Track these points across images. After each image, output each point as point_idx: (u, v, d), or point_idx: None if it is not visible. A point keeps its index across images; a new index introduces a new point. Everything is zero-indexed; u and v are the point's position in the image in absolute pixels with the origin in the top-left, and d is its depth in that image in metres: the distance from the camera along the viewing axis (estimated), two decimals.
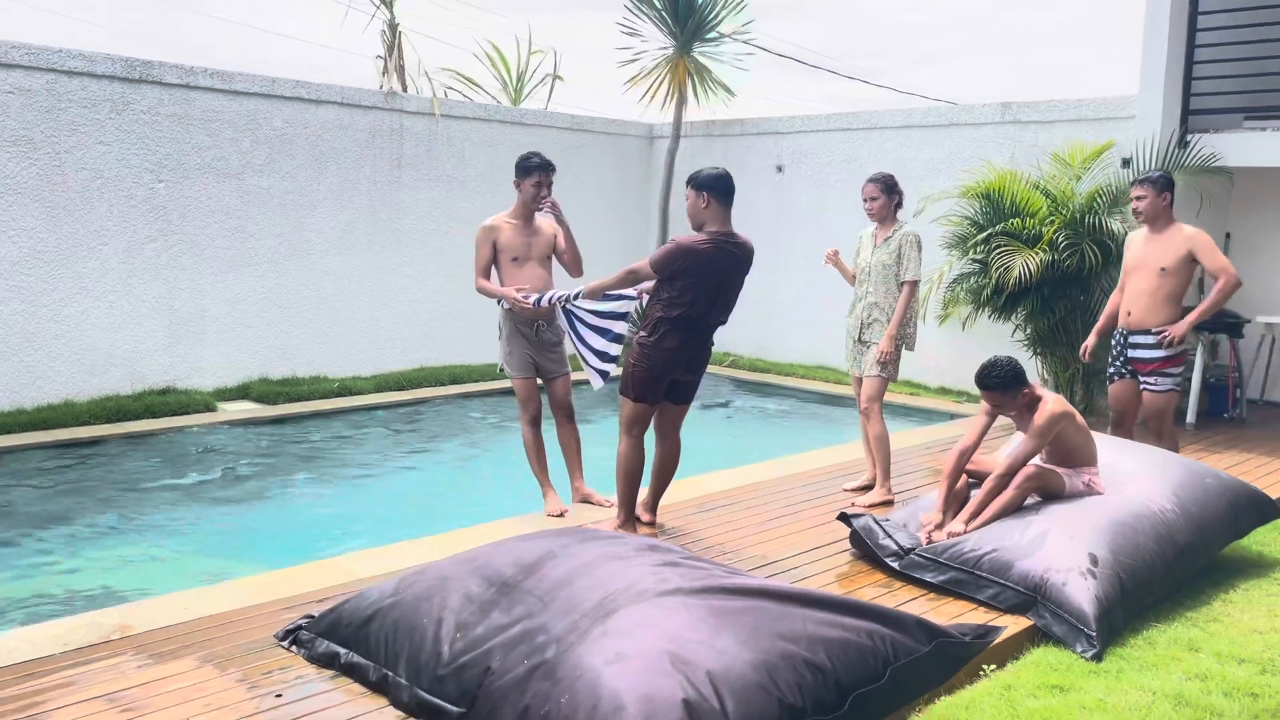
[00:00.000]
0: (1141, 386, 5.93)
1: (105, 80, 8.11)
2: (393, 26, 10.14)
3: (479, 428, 8.67)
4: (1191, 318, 5.74)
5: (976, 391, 9.59)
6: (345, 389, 9.13)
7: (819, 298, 10.77)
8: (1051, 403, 4.77)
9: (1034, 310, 8.40)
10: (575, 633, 3.12)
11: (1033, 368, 8.73)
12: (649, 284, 5.10)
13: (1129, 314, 5.94)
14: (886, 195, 6.01)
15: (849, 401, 9.74)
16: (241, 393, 8.83)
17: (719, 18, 11.45)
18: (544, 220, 5.79)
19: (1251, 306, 8.67)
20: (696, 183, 4.87)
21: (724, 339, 6.81)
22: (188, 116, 8.57)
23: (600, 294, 5.21)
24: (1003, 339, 9.05)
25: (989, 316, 8.78)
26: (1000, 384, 4.75)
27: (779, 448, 7.79)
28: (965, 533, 4.63)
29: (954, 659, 3.30)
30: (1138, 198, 5.89)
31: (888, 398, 6.53)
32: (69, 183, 7.98)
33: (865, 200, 6.05)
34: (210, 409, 8.29)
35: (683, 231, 11.71)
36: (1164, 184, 5.83)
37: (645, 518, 5.35)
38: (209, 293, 8.82)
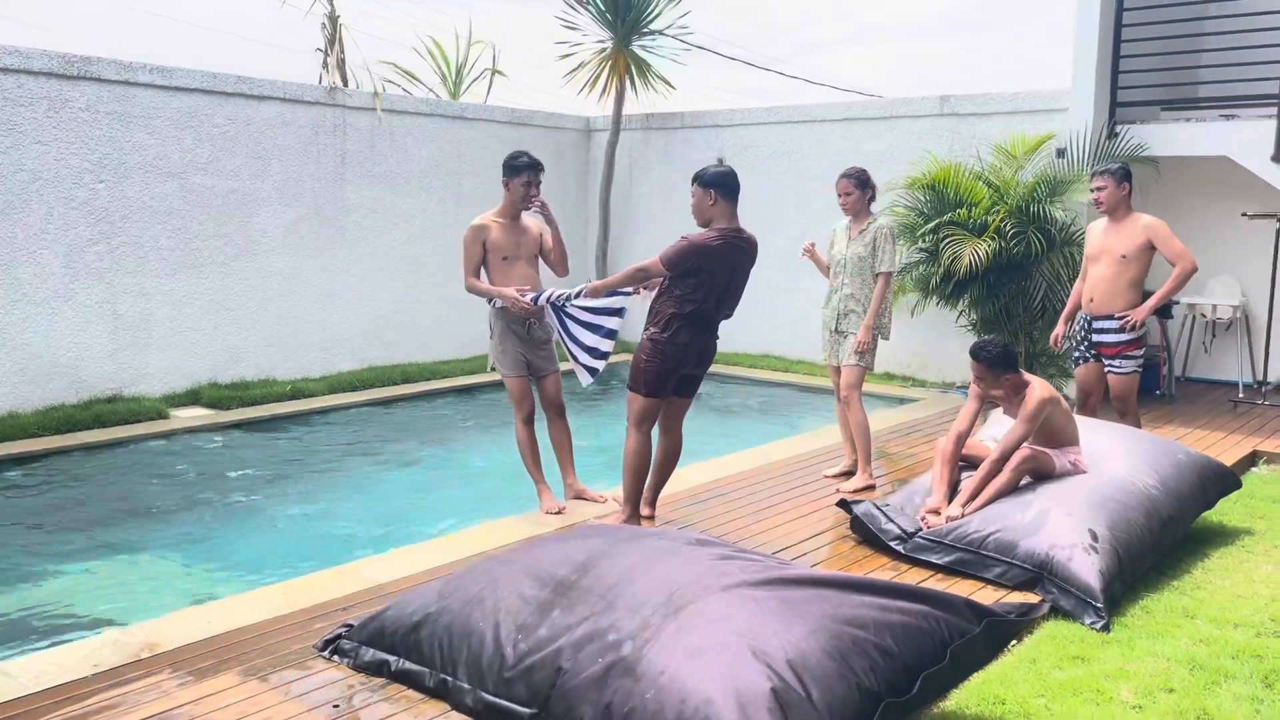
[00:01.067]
0: (1106, 369, 6.23)
1: (42, 77, 7.77)
2: (333, 19, 9.93)
3: (449, 427, 8.60)
4: (1151, 302, 6.03)
5: (922, 376, 10.04)
6: (298, 391, 8.94)
7: (765, 290, 10.92)
8: (1039, 388, 4.98)
9: (979, 296, 8.71)
10: (648, 629, 3.17)
11: None
12: (649, 281, 5.15)
13: (1091, 300, 6.21)
14: (860, 190, 6.18)
15: (796, 390, 9.98)
16: (191, 398, 8.59)
17: (656, 12, 11.52)
18: (531, 219, 5.80)
19: None
20: (703, 180, 4.93)
21: None
22: (127, 114, 8.27)
23: (604, 292, 5.22)
24: (948, 325, 9.38)
25: (936, 304, 9.06)
26: (989, 359, 4.92)
27: (737, 437, 7.94)
28: (964, 516, 4.82)
29: (1002, 637, 3.46)
30: (1098, 188, 6.15)
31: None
32: (5, 184, 7.63)
33: (840, 195, 6.21)
34: (162, 416, 8.03)
35: (620, 225, 11.96)
36: (1123, 175, 6.11)
37: (645, 511, 5.40)
38: (154, 296, 8.54)
